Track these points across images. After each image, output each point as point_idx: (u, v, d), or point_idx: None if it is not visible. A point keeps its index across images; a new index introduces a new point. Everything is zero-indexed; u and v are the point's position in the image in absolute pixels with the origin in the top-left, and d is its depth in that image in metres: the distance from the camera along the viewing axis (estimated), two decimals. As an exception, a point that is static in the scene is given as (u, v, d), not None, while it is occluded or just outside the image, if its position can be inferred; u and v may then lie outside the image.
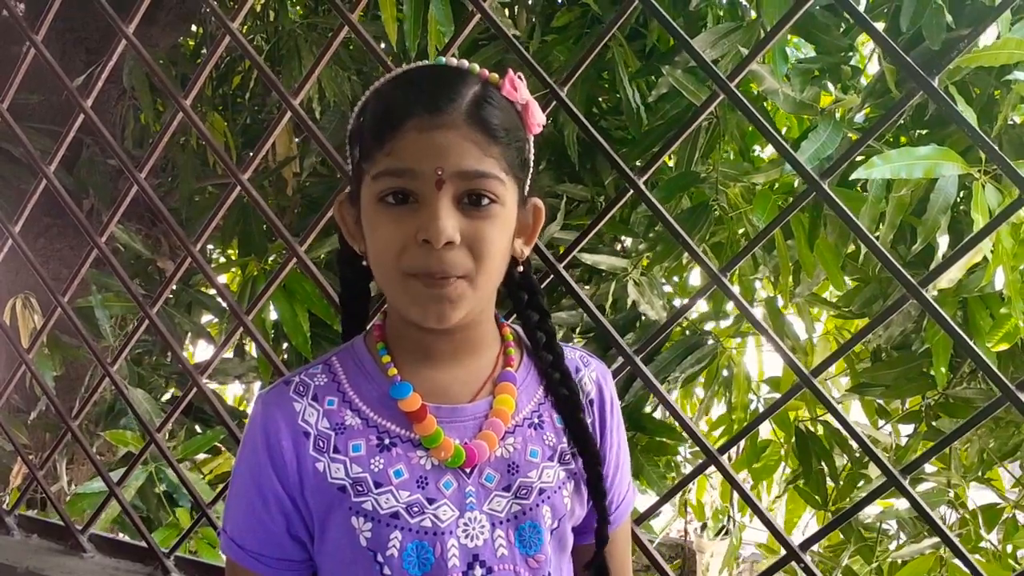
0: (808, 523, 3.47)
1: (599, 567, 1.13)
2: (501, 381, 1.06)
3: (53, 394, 2.04)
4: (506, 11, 2.80)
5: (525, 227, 1.05)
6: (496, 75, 1.00)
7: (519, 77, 1.00)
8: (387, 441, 1.01)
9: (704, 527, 5.45)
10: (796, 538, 1.51)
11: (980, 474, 2.81)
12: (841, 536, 2.94)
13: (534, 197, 1.06)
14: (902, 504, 2.78)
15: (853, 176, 1.76)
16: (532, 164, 1.04)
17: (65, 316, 1.89)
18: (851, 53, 2.50)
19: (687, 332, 2.79)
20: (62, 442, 2.00)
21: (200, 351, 4.35)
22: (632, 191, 1.47)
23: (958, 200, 2.18)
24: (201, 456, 2.97)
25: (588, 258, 2.54)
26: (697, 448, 1.55)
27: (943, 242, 2.12)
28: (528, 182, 1.03)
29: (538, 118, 1.01)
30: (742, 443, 3.04)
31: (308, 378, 1.05)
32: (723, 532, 5.26)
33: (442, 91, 0.94)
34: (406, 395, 1.01)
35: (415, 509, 0.98)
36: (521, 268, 1.09)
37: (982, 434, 2.73)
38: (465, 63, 1.00)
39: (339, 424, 1.02)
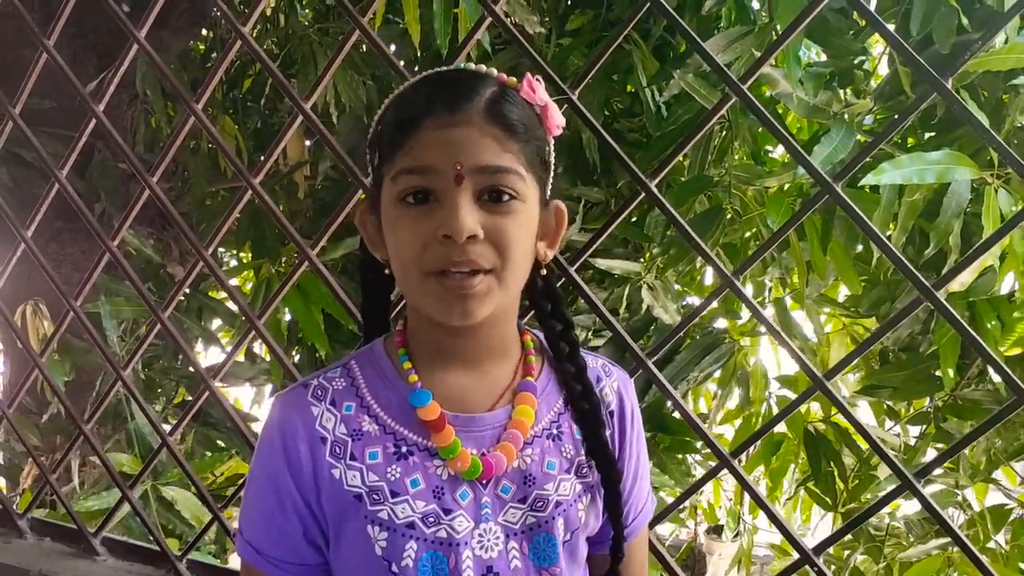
0: (819, 523, 3.47)
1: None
2: (521, 391, 1.05)
3: (65, 398, 2.04)
4: (528, 11, 2.79)
5: (548, 229, 1.04)
6: (514, 79, 1.00)
7: (537, 80, 0.99)
8: (404, 449, 1.00)
9: (718, 529, 5.44)
10: (808, 538, 1.51)
11: (988, 474, 2.80)
12: (850, 536, 2.93)
13: (556, 200, 1.05)
14: (909, 504, 2.78)
15: (863, 182, 1.75)
16: (553, 167, 1.03)
17: (77, 320, 1.90)
18: (863, 57, 2.50)
19: (699, 332, 2.78)
20: (75, 445, 2.00)
21: (208, 358, 4.36)
22: (643, 194, 1.46)
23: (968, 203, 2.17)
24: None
25: (601, 263, 2.53)
26: (709, 450, 1.54)
27: (956, 246, 2.12)
28: (550, 184, 1.02)
29: (557, 120, 1.01)
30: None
31: (326, 382, 1.04)
32: (735, 534, 5.25)
33: (460, 90, 0.94)
34: (426, 403, 1.00)
35: (431, 519, 0.98)
36: (544, 273, 1.08)
37: (989, 434, 2.72)
38: (483, 68, 1.00)
39: (356, 430, 1.01)
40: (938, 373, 2.55)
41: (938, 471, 2.71)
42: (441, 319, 0.97)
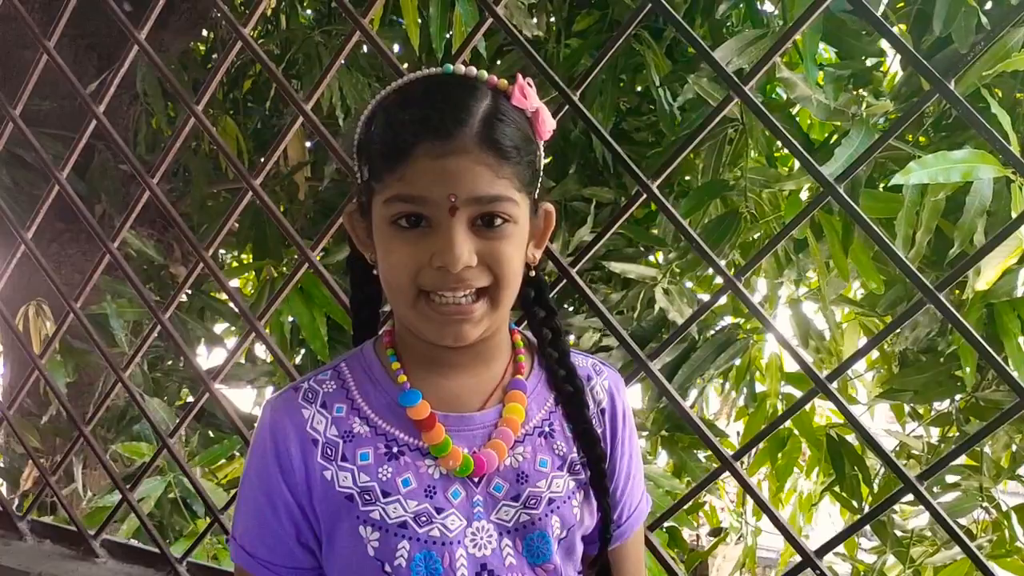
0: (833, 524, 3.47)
1: (602, 567, 1.12)
2: (511, 389, 1.05)
3: (66, 400, 2.04)
4: (532, 11, 2.77)
5: (536, 232, 1.04)
6: (505, 81, 0.98)
7: (528, 83, 0.97)
8: (395, 449, 1.00)
9: (717, 532, 5.41)
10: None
11: (1013, 472, 2.79)
12: (878, 541, 2.93)
13: (544, 203, 1.04)
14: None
15: (894, 181, 1.73)
16: (541, 170, 1.02)
17: (78, 322, 1.89)
18: (880, 58, 2.49)
19: (712, 329, 2.78)
20: (75, 448, 2.00)
21: (214, 356, 4.35)
22: (645, 195, 1.46)
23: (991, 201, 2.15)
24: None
25: (617, 267, 2.53)
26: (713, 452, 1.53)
27: (981, 245, 2.09)
28: (538, 189, 1.01)
29: (548, 124, 1.00)
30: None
31: (317, 384, 1.04)
32: (737, 537, 5.22)
33: (452, 112, 0.91)
34: (415, 403, 1.00)
35: (423, 519, 0.98)
36: (533, 271, 1.07)
37: (1009, 431, 2.71)
38: (474, 70, 0.97)
39: (347, 432, 1.01)
40: (959, 374, 2.54)
41: (959, 475, 2.70)
42: (433, 341, 0.97)
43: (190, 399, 3.38)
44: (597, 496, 1.07)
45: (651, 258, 3.03)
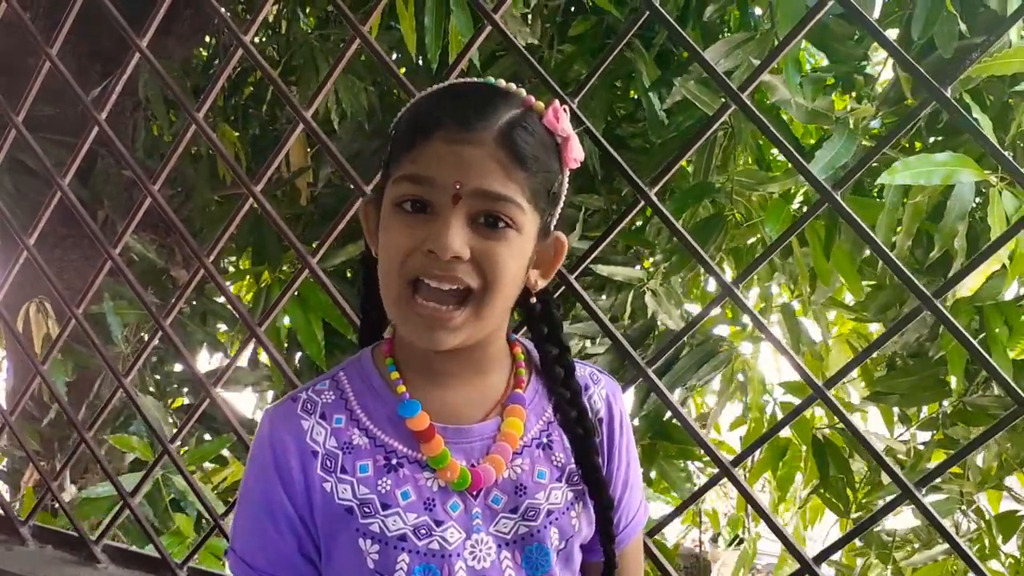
0: (830, 529, 3.47)
1: None
2: (511, 403, 1.04)
3: (67, 405, 2.04)
4: (527, 19, 2.77)
5: (544, 260, 1.03)
6: (541, 104, 0.98)
7: (564, 110, 0.98)
8: (394, 461, 1.00)
9: (717, 537, 5.41)
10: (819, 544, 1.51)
11: (1000, 480, 2.79)
12: (861, 543, 2.93)
13: (558, 232, 1.03)
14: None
15: (878, 181, 1.74)
16: (562, 199, 1.01)
17: (79, 326, 1.90)
18: (865, 62, 2.49)
19: (699, 339, 2.77)
20: (77, 452, 2.00)
21: (214, 362, 4.36)
22: (643, 202, 1.46)
23: (974, 207, 2.16)
24: (209, 466, 2.98)
25: (604, 269, 2.52)
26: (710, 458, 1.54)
27: (961, 249, 2.10)
28: (555, 216, 1.01)
29: (576, 154, 0.99)
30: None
31: (315, 395, 1.04)
32: (738, 542, 5.23)
33: (479, 107, 0.93)
34: (414, 413, 0.99)
35: (423, 531, 0.97)
36: (536, 300, 1.06)
37: (999, 440, 2.71)
38: (513, 87, 0.98)
39: (347, 443, 1.00)
40: (947, 379, 2.54)
41: (943, 478, 2.71)
42: (410, 339, 0.98)
43: (187, 402, 3.40)
44: (603, 543, 1.07)
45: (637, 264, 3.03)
